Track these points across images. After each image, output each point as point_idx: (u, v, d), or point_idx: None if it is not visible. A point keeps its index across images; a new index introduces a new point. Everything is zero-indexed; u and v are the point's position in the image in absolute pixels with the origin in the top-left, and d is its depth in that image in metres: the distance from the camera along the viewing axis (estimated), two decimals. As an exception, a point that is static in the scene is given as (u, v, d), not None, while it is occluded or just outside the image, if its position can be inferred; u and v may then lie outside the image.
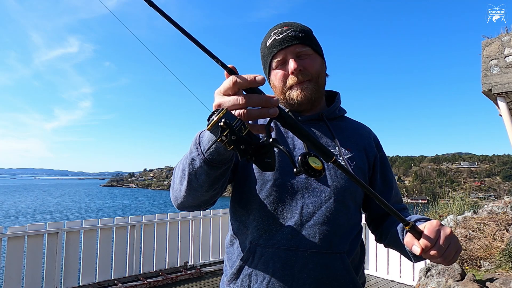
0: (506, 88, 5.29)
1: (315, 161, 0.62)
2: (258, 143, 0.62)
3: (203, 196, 0.82)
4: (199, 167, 0.74)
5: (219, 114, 0.60)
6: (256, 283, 0.92)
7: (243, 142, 0.60)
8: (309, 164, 0.61)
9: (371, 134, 1.13)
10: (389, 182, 1.09)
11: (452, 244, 0.73)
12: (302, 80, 0.98)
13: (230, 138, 0.59)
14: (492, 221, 5.19)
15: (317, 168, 0.61)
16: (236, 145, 0.60)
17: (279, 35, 1.00)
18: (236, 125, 0.60)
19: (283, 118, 0.64)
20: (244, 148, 0.60)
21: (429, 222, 0.75)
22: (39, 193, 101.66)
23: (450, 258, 0.73)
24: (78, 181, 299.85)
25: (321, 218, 0.93)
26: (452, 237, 0.74)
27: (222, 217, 5.52)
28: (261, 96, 0.62)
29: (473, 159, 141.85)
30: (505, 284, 3.21)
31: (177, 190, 0.84)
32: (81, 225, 4.25)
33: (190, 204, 0.86)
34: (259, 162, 0.63)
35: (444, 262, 0.74)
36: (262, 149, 0.62)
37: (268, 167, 0.64)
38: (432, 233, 0.72)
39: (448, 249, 0.72)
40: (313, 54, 1.02)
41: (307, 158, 0.62)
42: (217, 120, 0.60)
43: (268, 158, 0.63)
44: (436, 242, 0.71)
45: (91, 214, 46.80)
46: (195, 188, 0.79)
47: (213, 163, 0.72)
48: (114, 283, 4.30)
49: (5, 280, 3.59)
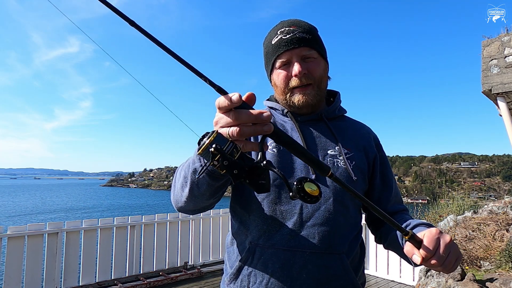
0: (506, 88, 5.28)
1: (311, 186, 0.61)
2: (252, 165, 0.60)
3: (203, 203, 0.85)
4: (202, 178, 0.75)
5: (210, 138, 0.59)
6: (256, 284, 0.92)
7: (236, 167, 0.59)
8: (305, 190, 0.60)
9: (371, 134, 1.12)
10: (389, 183, 1.09)
11: (452, 252, 0.73)
12: (305, 83, 0.98)
13: (222, 163, 0.58)
14: (492, 221, 5.19)
15: (313, 193, 0.60)
16: (228, 170, 0.59)
17: (286, 35, 0.98)
18: (227, 149, 0.59)
19: (277, 135, 0.62)
20: (237, 173, 0.59)
21: (428, 231, 0.74)
22: (39, 193, 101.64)
23: (450, 266, 0.73)
24: (78, 181, 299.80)
25: (320, 218, 0.92)
26: (452, 245, 0.73)
27: (222, 217, 5.51)
28: (250, 112, 0.59)
29: (473, 159, 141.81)
30: (505, 284, 3.21)
31: (178, 195, 0.86)
32: (81, 225, 4.24)
33: (190, 209, 0.88)
34: (253, 184, 0.62)
35: (444, 270, 0.73)
36: (256, 170, 0.61)
37: (262, 189, 0.62)
38: (431, 242, 0.71)
39: (448, 257, 0.72)
40: (318, 57, 1.01)
41: (303, 184, 0.61)
42: (207, 146, 0.59)
43: (263, 180, 0.62)
44: (436, 251, 0.71)
45: (91, 214, 46.80)
46: (197, 196, 0.80)
47: (215, 175, 0.73)
48: (114, 283, 4.29)
49: (5, 280, 3.59)
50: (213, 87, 0.59)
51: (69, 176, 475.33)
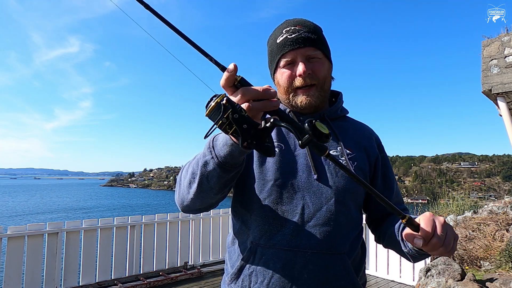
0: (506, 88, 5.28)
1: (322, 126, 0.61)
2: (259, 124, 0.62)
3: (211, 199, 0.85)
4: (212, 170, 0.76)
5: (221, 95, 0.61)
6: (257, 283, 0.92)
7: (245, 121, 0.60)
8: (317, 128, 0.60)
9: (373, 135, 1.12)
10: (390, 183, 1.09)
11: (449, 231, 0.73)
12: (309, 83, 0.98)
13: (233, 116, 0.60)
14: (492, 221, 5.19)
15: (325, 131, 0.60)
16: (238, 124, 0.60)
17: (291, 34, 0.98)
18: (237, 105, 0.62)
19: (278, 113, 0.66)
20: (246, 128, 0.61)
21: (423, 215, 0.75)
22: (39, 193, 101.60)
23: (450, 246, 0.73)
24: (78, 181, 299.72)
25: (322, 218, 0.92)
26: (447, 224, 0.74)
27: (222, 217, 5.51)
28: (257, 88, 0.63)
29: (473, 159, 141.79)
30: (505, 284, 3.21)
31: (185, 193, 0.86)
32: (81, 225, 4.24)
33: (196, 207, 0.89)
34: (259, 146, 0.63)
35: (445, 252, 0.73)
36: (262, 132, 0.63)
37: (269, 152, 0.64)
38: (428, 224, 0.71)
39: (447, 236, 0.72)
40: (323, 58, 1.01)
41: (313, 123, 0.60)
42: (219, 100, 0.60)
43: (268, 143, 0.64)
44: (435, 231, 0.71)
45: (91, 214, 46.79)
46: (205, 190, 0.81)
47: (226, 166, 0.74)
48: (114, 283, 4.29)
49: (5, 280, 3.59)
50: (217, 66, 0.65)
51: (69, 176, 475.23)
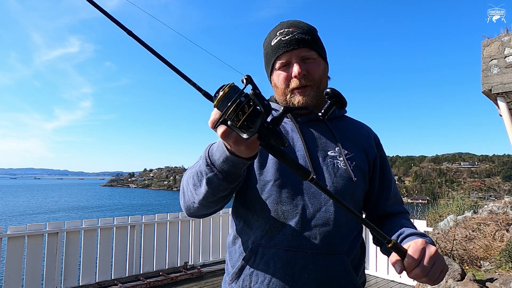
0: (506, 88, 5.28)
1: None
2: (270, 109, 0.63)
3: (216, 207, 0.89)
4: (217, 185, 0.78)
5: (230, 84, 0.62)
6: (257, 283, 0.93)
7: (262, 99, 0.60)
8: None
9: (371, 134, 1.12)
10: (388, 182, 1.08)
11: (437, 263, 0.73)
12: (304, 84, 0.98)
13: (255, 92, 0.60)
14: (492, 221, 5.19)
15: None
16: (261, 100, 0.60)
17: (285, 36, 0.98)
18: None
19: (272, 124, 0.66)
20: (267, 104, 0.60)
21: (414, 241, 0.75)
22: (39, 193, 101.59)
23: (435, 278, 0.72)
24: (78, 181, 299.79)
25: (321, 219, 0.93)
26: (437, 256, 0.73)
27: (222, 217, 5.52)
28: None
29: (473, 159, 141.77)
30: (505, 284, 3.21)
31: (190, 202, 0.89)
32: (81, 225, 4.24)
33: (202, 214, 0.92)
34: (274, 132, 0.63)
35: (429, 282, 0.73)
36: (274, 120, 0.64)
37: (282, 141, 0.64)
38: (416, 253, 0.71)
39: (433, 268, 0.72)
40: (318, 58, 1.01)
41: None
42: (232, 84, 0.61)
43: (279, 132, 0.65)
44: (420, 261, 0.71)
45: (91, 214, 46.80)
46: (213, 201, 0.84)
47: (230, 178, 0.76)
48: (114, 283, 4.30)
49: (5, 280, 3.59)
50: (200, 91, 0.65)
51: (69, 176, 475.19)
